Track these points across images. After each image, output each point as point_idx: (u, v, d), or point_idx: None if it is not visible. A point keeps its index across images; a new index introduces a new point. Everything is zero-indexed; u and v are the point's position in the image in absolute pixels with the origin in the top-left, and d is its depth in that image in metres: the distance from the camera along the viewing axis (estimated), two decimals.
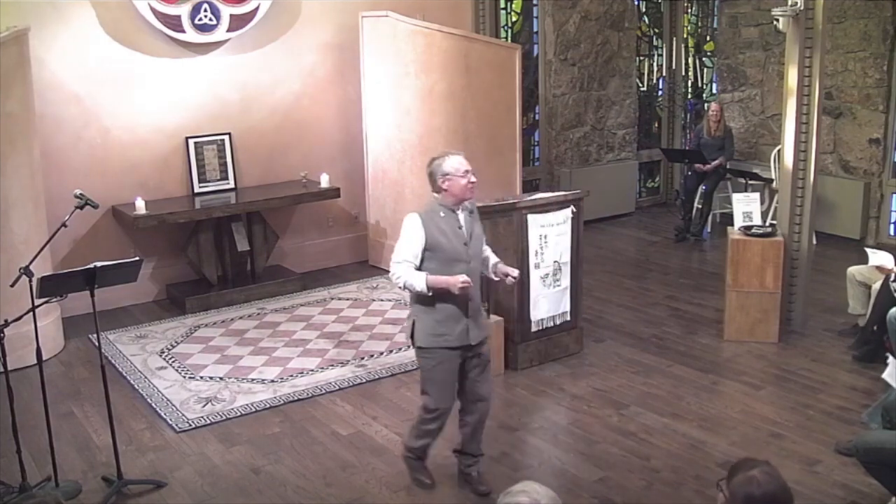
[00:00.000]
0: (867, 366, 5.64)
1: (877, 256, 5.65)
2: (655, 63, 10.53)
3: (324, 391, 5.53)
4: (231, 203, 7.26)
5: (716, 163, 8.76)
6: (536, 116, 9.62)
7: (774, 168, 8.39)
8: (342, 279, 7.82)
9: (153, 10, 6.90)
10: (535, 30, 9.42)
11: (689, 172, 9.12)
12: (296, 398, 5.43)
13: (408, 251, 4.07)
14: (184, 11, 7.03)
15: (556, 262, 5.77)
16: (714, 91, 10.56)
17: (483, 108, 7.66)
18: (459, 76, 7.50)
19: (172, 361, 6.04)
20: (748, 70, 9.80)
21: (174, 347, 6.31)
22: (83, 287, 4.24)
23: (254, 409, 5.29)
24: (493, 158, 7.82)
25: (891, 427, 4.30)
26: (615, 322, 6.67)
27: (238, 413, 5.25)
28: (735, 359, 5.94)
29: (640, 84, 10.39)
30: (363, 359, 6.04)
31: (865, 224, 8.68)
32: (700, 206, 9.05)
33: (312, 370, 5.86)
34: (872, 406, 4.90)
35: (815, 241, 7.16)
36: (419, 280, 4.00)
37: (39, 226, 6.08)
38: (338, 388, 5.58)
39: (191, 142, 7.31)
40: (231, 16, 7.24)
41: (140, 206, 6.73)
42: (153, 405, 5.39)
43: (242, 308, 7.10)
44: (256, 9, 7.34)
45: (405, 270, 4.05)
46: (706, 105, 10.23)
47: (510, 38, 9.19)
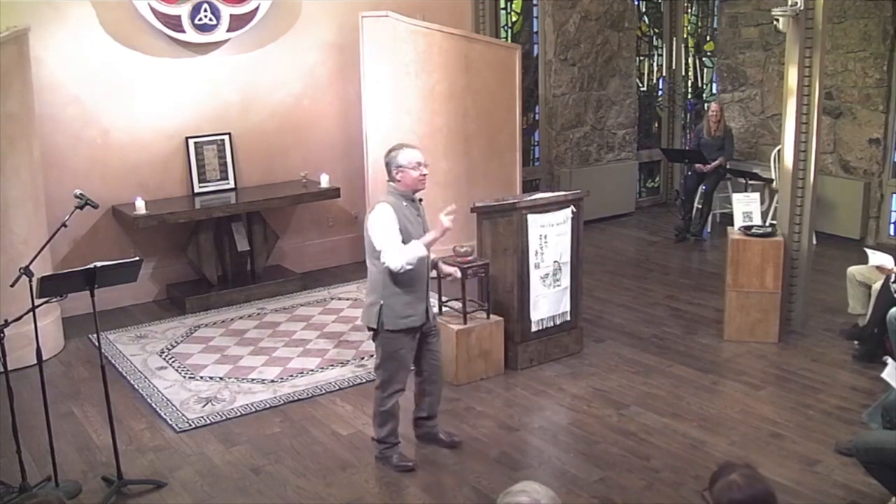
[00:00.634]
0: (867, 366, 5.64)
1: (876, 257, 5.65)
2: (655, 63, 10.53)
3: (324, 391, 5.53)
4: (231, 203, 7.26)
5: (715, 163, 8.76)
6: (536, 116, 9.62)
7: (774, 168, 8.39)
8: (342, 279, 7.82)
9: (153, 10, 6.90)
10: (535, 30, 9.42)
11: (689, 172, 9.12)
12: (296, 398, 5.43)
13: (394, 238, 4.29)
14: (184, 11, 7.03)
15: (556, 262, 5.77)
16: (714, 91, 10.56)
17: (483, 108, 7.66)
18: (460, 76, 7.51)
19: (172, 361, 6.04)
20: (748, 70, 9.80)
21: (174, 347, 6.31)
22: (83, 287, 4.24)
23: (254, 409, 5.29)
24: (493, 158, 7.84)
25: (891, 427, 4.31)
26: (615, 322, 6.67)
27: (238, 413, 5.25)
28: (735, 359, 5.94)
29: (640, 84, 10.39)
30: (363, 359, 6.04)
31: (865, 224, 8.68)
32: (700, 206, 9.05)
33: (312, 370, 5.86)
34: (872, 406, 4.90)
35: (815, 241, 7.16)
36: (417, 247, 4.27)
37: (39, 226, 6.08)
38: (338, 388, 5.58)
39: (191, 142, 7.31)
40: (231, 16, 7.24)
41: (140, 206, 6.73)
42: (153, 405, 5.39)
43: (242, 308, 7.10)
44: (256, 9, 7.34)
45: (399, 251, 4.26)
46: (706, 105, 10.23)
47: (510, 38, 9.19)
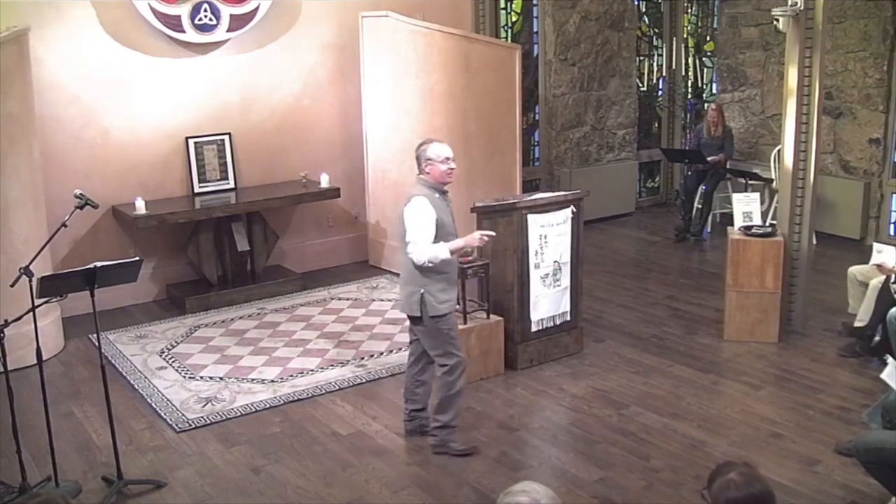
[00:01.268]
0: (867, 366, 5.65)
1: (882, 255, 5.62)
2: (655, 63, 10.53)
3: (324, 391, 5.53)
4: (231, 203, 7.26)
5: (714, 158, 8.75)
6: (536, 116, 9.61)
7: (774, 168, 8.39)
8: (342, 279, 7.82)
9: (153, 10, 6.90)
10: (535, 30, 9.42)
11: (689, 172, 9.12)
12: (296, 398, 5.43)
13: (426, 232, 4.43)
14: (184, 11, 7.03)
15: (556, 262, 5.77)
16: (714, 91, 10.56)
17: (483, 108, 7.65)
18: (459, 76, 7.50)
19: (172, 361, 6.04)
20: (748, 70, 9.80)
21: (174, 347, 6.31)
22: (83, 287, 4.24)
23: (254, 409, 5.29)
24: (493, 158, 7.82)
25: (891, 427, 4.30)
26: (615, 322, 6.67)
27: (238, 413, 5.25)
28: (735, 359, 5.94)
29: (640, 84, 10.39)
30: (363, 359, 6.04)
31: (865, 224, 8.68)
32: (700, 206, 9.05)
33: (312, 370, 5.86)
34: (872, 406, 4.90)
35: (815, 241, 7.16)
36: (442, 250, 4.43)
37: (39, 226, 6.08)
38: (338, 388, 5.58)
39: (191, 142, 7.31)
40: (231, 16, 7.24)
41: (140, 206, 6.73)
42: (153, 405, 5.39)
43: (242, 308, 7.10)
44: (256, 9, 7.34)
45: (426, 247, 4.42)
46: (706, 105, 10.23)
47: (510, 38, 9.19)
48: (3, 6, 6.28)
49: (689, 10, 10.57)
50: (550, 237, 5.71)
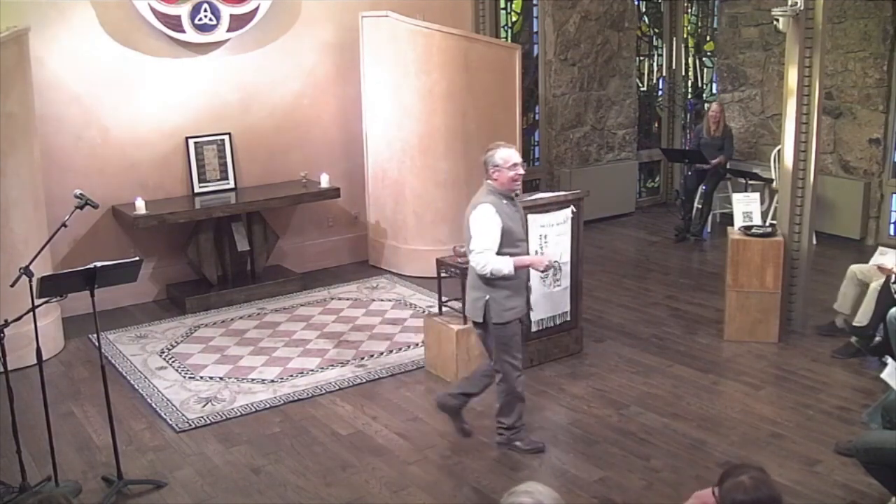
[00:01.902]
0: (867, 366, 5.65)
1: (884, 257, 5.65)
2: (655, 63, 10.53)
3: (324, 391, 5.53)
4: (231, 203, 7.26)
5: (715, 161, 8.76)
6: (536, 116, 9.61)
7: (774, 168, 8.39)
8: (342, 279, 7.82)
9: (153, 10, 6.90)
10: (535, 30, 9.41)
11: (689, 172, 9.12)
12: (296, 398, 5.43)
13: (490, 240, 4.40)
14: (184, 11, 7.03)
15: (557, 262, 5.76)
16: (714, 91, 10.56)
17: (483, 108, 7.66)
18: (459, 76, 7.51)
19: (172, 361, 6.04)
20: (748, 70, 9.79)
21: (174, 347, 6.31)
22: (83, 287, 4.24)
23: (254, 409, 5.29)
24: None
25: (891, 427, 4.30)
26: (615, 322, 6.67)
27: (238, 413, 5.25)
28: (735, 359, 5.94)
29: (640, 84, 10.38)
30: (363, 359, 6.04)
31: (865, 224, 8.68)
32: (700, 206, 9.04)
33: (312, 370, 5.86)
34: (872, 406, 4.90)
35: (815, 241, 7.16)
36: (507, 264, 4.39)
37: (39, 226, 6.08)
38: (338, 388, 5.58)
39: (191, 142, 7.31)
40: (231, 16, 7.24)
41: (140, 206, 6.73)
42: (153, 405, 5.39)
43: (242, 308, 7.10)
44: (256, 9, 7.34)
45: (489, 257, 4.39)
46: (706, 105, 10.23)
47: (510, 38, 9.19)
48: (4, 6, 6.28)
49: (689, 10, 10.57)
50: (550, 237, 5.71)
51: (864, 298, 5.84)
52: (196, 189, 7.33)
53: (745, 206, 6.36)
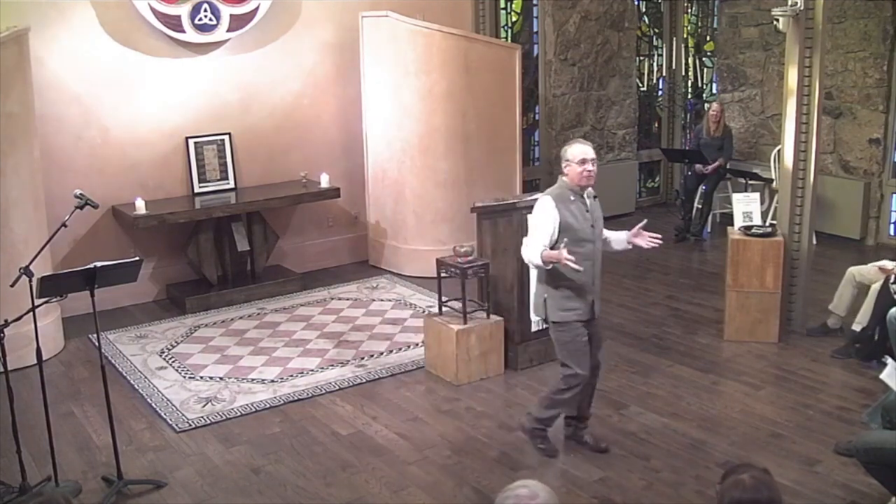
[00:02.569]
0: (866, 366, 5.64)
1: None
2: (655, 63, 10.53)
3: (324, 391, 5.53)
4: (231, 203, 7.26)
5: (715, 165, 8.76)
6: (536, 116, 9.61)
7: (774, 168, 8.39)
8: (342, 279, 7.82)
9: (153, 10, 6.90)
10: (535, 30, 9.41)
11: (689, 172, 9.11)
12: (296, 398, 5.43)
13: (540, 233, 4.37)
14: (184, 11, 7.03)
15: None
16: (714, 91, 10.56)
17: (483, 108, 7.66)
18: (459, 76, 7.51)
19: (172, 361, 6.04)
20: (748, 70, 9.79)
21: (174, 347, 6.31)
22: (83, 287, 4.24)
23: (254, 409, 5.29)
24: (493, 158, 7.83)
25: (891, 427, 4.30)
26: (615, 322, 6.66)
27: (238, 413, 5.25)
28: (735, 359, 5.94)
29: (640, 84, 10.38)
30: (363, 359, 6.04)
31: (865, 224, 8.68)
32: (700, 206, 9.04)
33: (312, 370, 5.86)
34: (872, 406, 4.91)
35: (815, 241, 7.15)
36: (535, 256, 4.30)
37: (39, 226, 6.08)
38: (338, 388, 5.58)
39: (191, 142, 7.31)
40: (231, 16, 7.24)
41: (140, 206, 6.73)
42: (153, 405, 5.39)
43: (242, 308, 7.10)
44: (256, 9, 7.34)
45: (531, 248, 4.34)
46: (706, 105, 10.23)
47: (510, 38, 9.19)
48: (4, 6, 6.28)
49: (689, 10, 10.57)
50: None
51: (865, 300, 5.85)
52: (196, 189, 7.33)
53: (745, 206, 6.36)
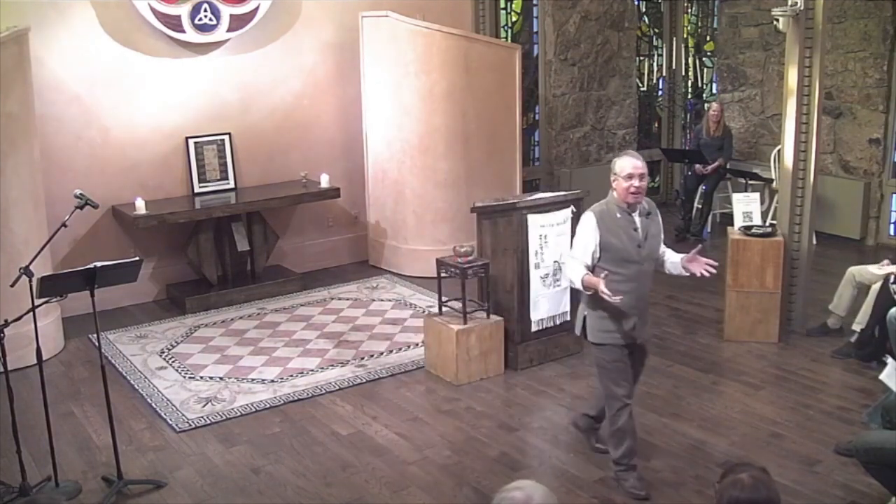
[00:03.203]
0: (866, 366, 5.65)
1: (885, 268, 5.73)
2: (655, 63, 10.53)
3: (324, 391, 5.53)
4: (231, 203, 7.26)
5: (715, 165, 8.76)
6: (536, 116, 9.61)
7: (774, 168, 8.39)
8: (342, 279, 7.82)
9: (153, 10, 6.90)
10: (535, 30, 9.41)
11: (689, 172, 9.12)
12: (296, 398, 5.43)
13: (579, 249, 4.17)
14: (184, 11, 7.03)
15: (556, 262, 5.76)
16: (714, 91, 10.56)
17: (483, 108, 7.66)
18: (459, 76, 7.51)
19: (172, 361, 6.04)
20: (748, 70, 9.79)
21: (174, 347, 6.31)
22: (83, 287, 4.24)
23: (254, 409, 5.29)
24: (493, 158, 7.83)
25: (891, 427, 4.31)
26: None
27: (238, 413, 5.25)
28: (735, 359, 5.94)
29: (640, 84, 10.39)
30: (363, 359, 6.04)
31: (865, 224, 8.68)
32: (700, 206, 9.04)
33: (312, 370, 5.86)
34: (872, 406, 4.91)
35: (815, 241, 7.15)
36: (577, 278, 4.09)
37: (39, 226, 6.08)
38: (338, 388, 5.58)
39: (191, 142, 7.31)
40: (231, 16, 7.24)
41: (140, 206, 6.73)
42: (153, 405, 5.39)
43: (242, 308, 7.10)
44: (256, 9, 7.34)
45: (572, 267, 4.17)
46: (706, 105, 10.23)
47: (510, 38, 9.19)
48: (4, 6, 6.28)
49: (689, 10, 10.57)
50: (550, 237, 5.71)
51: (865, 300, 5.86)
52: (196, 189, 7.33)
53: (745, 206, 6.36)
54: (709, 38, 10.71)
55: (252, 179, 7.67)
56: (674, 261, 4.41)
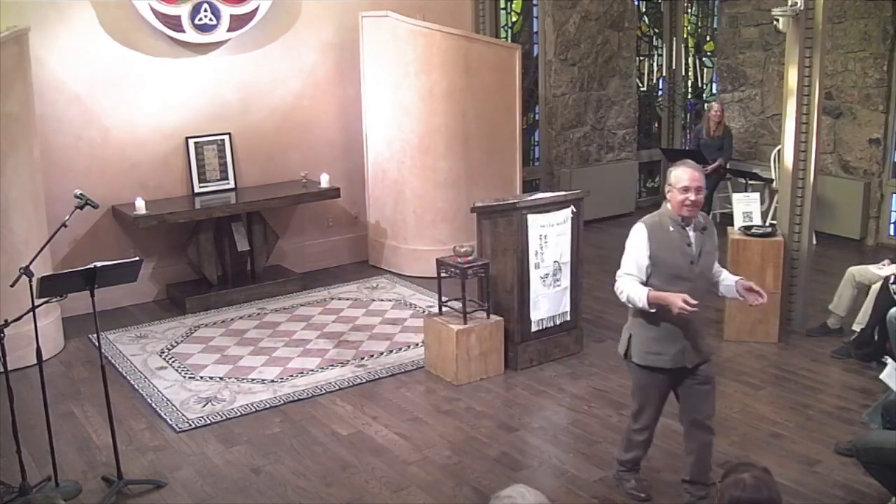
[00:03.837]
0: (866, 366, 5.65)
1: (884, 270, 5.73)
2: (655, 63, 10.53)
3: (324, 391, 5.53)
4: (231, 203, 7.26)
5: (715, 165, 8.76)
6: (536, 116, 9.61)
7: (774, 168, 8.39)
8: (342, 279, 7.82)
9: (153, 10, 6.90)
10: (535, 30, 9.41)
11: None
12: (296, 398, 5.43)
13: (632, 264, 3.90)
14: (184, 11, 7.03)
15: (556, 262, 5.77)
16: (714, 91, 10.56)
17: (483, 108, 7.66)
18: (459, 76, 7.51)
19: (172, 361, 6.04)
20: (748, 70, 9.80)
21: (174, 347, 6.31)
22: (83, 287, 4.24)
23: (254, 409, 5.29)
24: (493, 158, 7.83)
25: (891, 427, 4.30)
26: (615, 322, 6.63)
27: (238, 413, 5.25)
28: (735, 359, 5.94)
29: (640, 84, 10.38)
30: (363, 359, 6.04)
31: (865, 224, 8.68)
32: None
33: (312, 370, 5.86)
34: (872, 406, 4.91)
35: (815, 241, 7.14)
36: (640, 295, 3.78)
37: (39, 226, 6.08)
38: (338, 388, 5.57)
39: (191, 142, 7.31)
40: (231, 16, 7.24)
41: (140, 206, 6.73)
42: (153, 405, 5.39)
43: (242, 308, 7.10)
44: (256, 9, 7.34)
45: (628, 284, 3.86)
46: (706, 105, 10.23)
47: (510, 38, 9.19)
48: (3, 6, 6.28)
49: (689, 10, 10.57)
50: (550, 237, 5.71)
51: (865, 300, 5.86)
52: (196, 189, 7.33)
53: (745, 206, 6.36)
54: (709, 38, 10.71)
55: (252, 179, 7.67)
56: (728, 283, 4.00)
